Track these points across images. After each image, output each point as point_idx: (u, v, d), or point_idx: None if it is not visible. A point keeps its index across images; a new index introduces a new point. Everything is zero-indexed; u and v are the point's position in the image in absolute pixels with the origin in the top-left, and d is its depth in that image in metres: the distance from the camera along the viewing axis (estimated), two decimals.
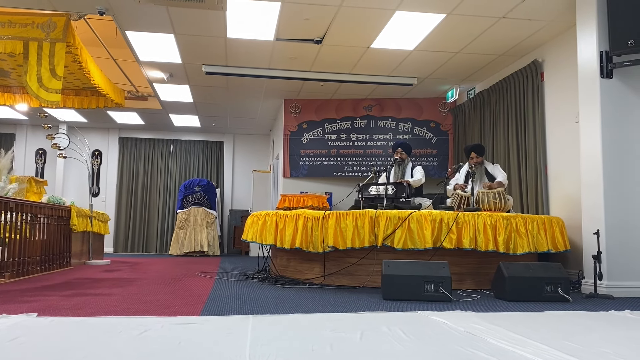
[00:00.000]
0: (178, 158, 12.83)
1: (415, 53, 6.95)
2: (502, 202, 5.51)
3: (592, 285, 4.60)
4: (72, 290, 4.53)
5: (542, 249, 5.14)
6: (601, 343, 2.55)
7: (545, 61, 6.49)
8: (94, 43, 7.08)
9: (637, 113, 4.81)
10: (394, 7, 5.61)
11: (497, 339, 2.56)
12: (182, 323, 2.91)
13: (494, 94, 7.60)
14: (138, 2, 5.21)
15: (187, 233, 10.81)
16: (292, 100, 9.42)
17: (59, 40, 5.79)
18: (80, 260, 7.65)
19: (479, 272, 5.08)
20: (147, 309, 3.51)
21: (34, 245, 5.92)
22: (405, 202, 5.58)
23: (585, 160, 4.93)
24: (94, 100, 8.22)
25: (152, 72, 7.95)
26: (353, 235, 4.97)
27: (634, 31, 4.50)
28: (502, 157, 7.22)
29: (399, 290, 4.18)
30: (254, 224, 5.93)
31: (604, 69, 4.75)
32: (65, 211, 6.95)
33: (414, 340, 2.54)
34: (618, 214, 4.68)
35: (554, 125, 6.26)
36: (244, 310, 3.49)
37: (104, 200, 12.31)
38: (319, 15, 5.84)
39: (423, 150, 9.10)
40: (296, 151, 9.35)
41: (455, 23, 5.96)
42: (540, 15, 5.70)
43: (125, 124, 12.17)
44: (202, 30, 6.32)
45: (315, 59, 7.23)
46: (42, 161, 12.30)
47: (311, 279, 5.26)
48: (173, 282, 5.29)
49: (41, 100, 5.84)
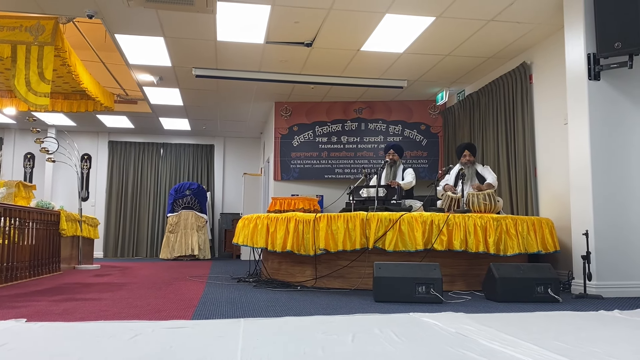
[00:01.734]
0: (168, 162, 12.77)
1: (405, 56, 6.98)
2: (492, 204, 5.55)
3: (581, 285, 4.64)
4: (62, 295, 4.49)
5: (532, 250, 5.17)
6: (591, 343, 2.56)
7: (533, 63, 6.54)
8: (83, 46, 7.04)
9: (624, 115, 4.86)
10: (384, 10, 5.63)
11: (489, 339, 2.57)
12: (173, 327, 2.90)
13: (483, 96, 7.65)
14: (127, 5, 5.18)
15: (177, 237, 10.76)
16: (282, 103, 9.42)
17: (47, 44, 5.75)
18: (69, 265, 7.59)
19: (469, 274, 5.10)
20: (138, 313, 3.49)
21: (23, 250, 5.86)
22: (396, 204, 5.59)
23: (574, 162, 4.97)
24: (83, 104, 8.18)
25: (142, 76, 7.91)
26: (344, 238, 4.97)
27: (620, 34, 4.54)
28: (491, 158, 7.27)
29: (391, 292, 4.19)
30: (245, 227, 5.91)
31: (592, 71, 4.79)
32: (54, 216, 6.90)
33: (406, 342, 2.54)
34: (607, 215, 4.72)
35: (543, 127, 6.31)
36: (235, 314, 3.48)
37: (94, 205, 12.23)
38: (309, 18, 5.85)
39: (413, 153, 9.13)
40: (287, 154, 9.34)
41: (444, 26, 5.99)
42: (529, 18, 5.75)
43: (114, 128, 12.10)
44: (192, 33, 6.30)
45: (305, 61, 7.24)
46: (31, 165, 12.20)
47: (303, 281, 5.25)
48: (164, 286, 5.26)
49: (29, 104, 5.79)
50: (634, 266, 4.71)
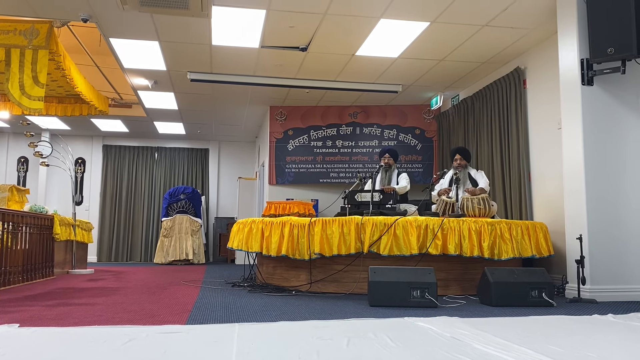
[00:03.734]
0: (163, 166, 12.74)
1: (400, 61, 7.01)
2: (486, 208, 5.56)
3: (575, 289, 4.65)
4: (55, 300, 4.46)
5: (526, 254, 5.19)
6: (585, 347, 2.57)
7: (527, 68, 6.58)
8: (77, 50, 7.02)
9: (617, 119, 4.89)
10: (379, 15, 5.66)
11: (483, 344, 2.58)
12: (167, 332, 2.89)
13: (477, 100, 7.68)
14: (122, 10, 5.18)
15: (172, 241, 10.72)
16: (277, 107, 9.42)
17: (41, 47, 5.73)
18: (63, 270, 7.55)
19: (464, 278, 5.11)
20: (132, 318, 3.47)
21: (16, 254, 5.82)
22: (391, 208, 5.60)
23: (568, 166, 4.99)
24: (77, 108, 8.14)
25: (137, 80, 7.90)
26: (339, 242, 4.97)
27: (613, 39, 4.57)
28: (486, 163, 7.29)
29: (386, 296, 4.19)
30: (239, 231, 5.90)
31: (585, 76, 4.82)
32: (47, 220, 6.86)
33: (401, 346, 2.54)
34: (600, 220, 4.74)
35: (536, 131, 6.34)
36: (230, 319, 3.47)
37: (88, 209, 12.17)
38: (304, 23, 5.86)
39: (408, 157, 9.15)
40: (282, 158, 9.34)
41: (439, 31, 6.02)
42: (523, 24, 5.79)
43: (109, 132, 12.07)
44: (187, 38, 6.30)
45: (300, 66, 7.25)
46: (24, 169, 12.14)
47: (297, 286, 5.24)
48: (158, 291, 5.24)
49: (23, 107, 5.77)
50: (628, 270, 4.73)
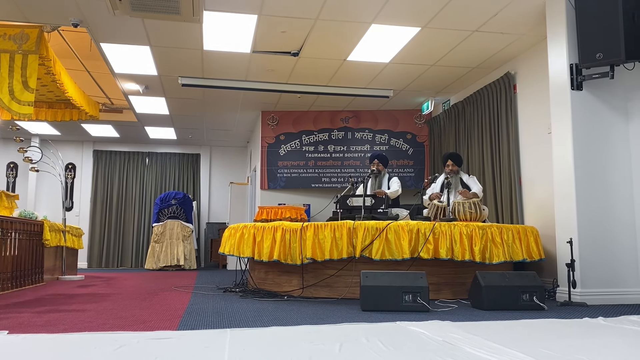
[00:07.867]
0: (154, 171, 12.69)
1: (391, 66, 7.04)
2: (477, 212, 5.58)
3: (566, 293, 4.67)
4: (45, 307, 4.42)
5: (517, 258, 5.21)
6: (576, 350, 2.58)
7: (517, 73, 6.63)
8: (67, 55, 6.99)
9: (606, 124, 4.93)
10: (370, 21, 5.68)
11: (475, 348, 2.58)
12: (158, 338, 2.87)
13: (468, 105, 7.72)
14: (113, 14, 5.16)
15: (163, 247, 10.66)
16: (269, 112, 9.43)
17: (31, 52, 5.70)
18: (53, 276, 7.48)
19: (456, 282, 5.12)
20: (123, 324, 3.45)
21: (5, 261, 5.77)
22: (383, 213, 5.60)
23: (558, 171, 5.03)
24: (67, 113, 8.10)
25: (128, 84, 7.87)
26: (331, 247, 4.97)
27: (602, 44, 4.62)
28: (476, 167, 7.33)
29: (378, 301, 4.19)
30: (231, 236, 5.88)
31: (574, 81, 4.86)
32: (37, 226, 6.80)
33: (393, 350, 2.54)
34: (590, 223, 4.77)
35: (527, 136, 6.38)
36: (221, 324, 3.45)
37: (78, 215, 12.09)
38: (295, 28, 5.87)
39: (400, 162, 9.17)
40: (274, 163, 9.34)
41: (429, 36, 6.05)
42: (512, 29, 5.84)
43: (99, 137, 12.00)
44: (179, 43, 6.29)
45: (292, 71, 7.26)
46: (14, 175, 12.05)
47: (289, 291, 5.23)
48: (149, 297, 5.21)
49: (13, 112, 5.73)
50: (618, 274, 4.77)
